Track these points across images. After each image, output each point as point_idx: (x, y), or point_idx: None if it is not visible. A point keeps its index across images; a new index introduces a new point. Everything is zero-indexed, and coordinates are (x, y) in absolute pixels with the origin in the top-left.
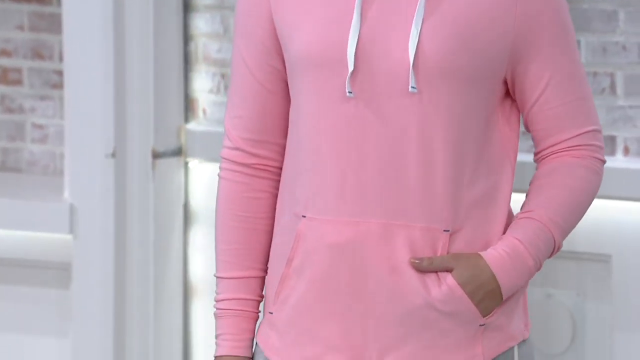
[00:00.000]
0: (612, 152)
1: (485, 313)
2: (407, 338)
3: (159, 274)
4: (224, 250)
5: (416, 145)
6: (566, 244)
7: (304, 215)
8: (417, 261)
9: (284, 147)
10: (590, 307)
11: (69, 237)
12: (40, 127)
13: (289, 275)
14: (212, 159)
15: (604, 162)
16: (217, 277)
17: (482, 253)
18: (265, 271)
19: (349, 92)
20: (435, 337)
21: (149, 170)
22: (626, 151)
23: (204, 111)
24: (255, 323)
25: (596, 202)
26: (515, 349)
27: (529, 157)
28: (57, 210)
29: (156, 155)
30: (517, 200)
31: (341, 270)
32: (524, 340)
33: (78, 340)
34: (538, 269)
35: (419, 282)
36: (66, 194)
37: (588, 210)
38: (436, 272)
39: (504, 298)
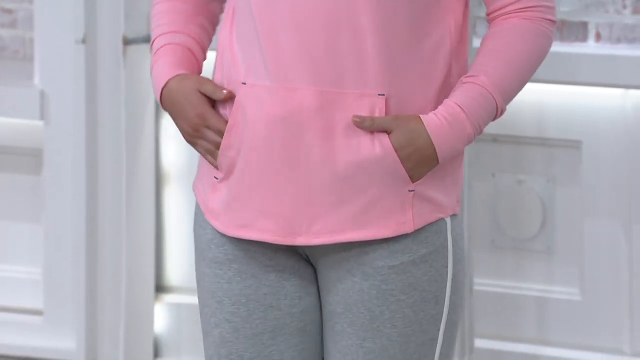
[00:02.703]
0: (584, 38)
1: (415, 178)
2: (337, 205)
3: (131, 160)
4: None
5: (346, 10)
6: (536, 130)
7: (244, 82)
8: (358, 119)
9: None
10: (560, 192)
11: (40, 123)
12: (9, 11)
13: (229, 144)
14: None
15: (554, 22)
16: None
17: (423, 117)
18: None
19: None
20: (364, 204)
21: (120, 57)
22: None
23: None
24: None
25: (567, 88)
26: (448, 221)
27: None
28: (28, 96)
29: (127, 42)
30: None
31: (277, 139)
32: (455, 215)
33: (50, 225)
34: (478, 134)
35: (353, 142)
36: (36, 80)
37: (559, 97)
38: (373, 132)
39: (440, 163)
